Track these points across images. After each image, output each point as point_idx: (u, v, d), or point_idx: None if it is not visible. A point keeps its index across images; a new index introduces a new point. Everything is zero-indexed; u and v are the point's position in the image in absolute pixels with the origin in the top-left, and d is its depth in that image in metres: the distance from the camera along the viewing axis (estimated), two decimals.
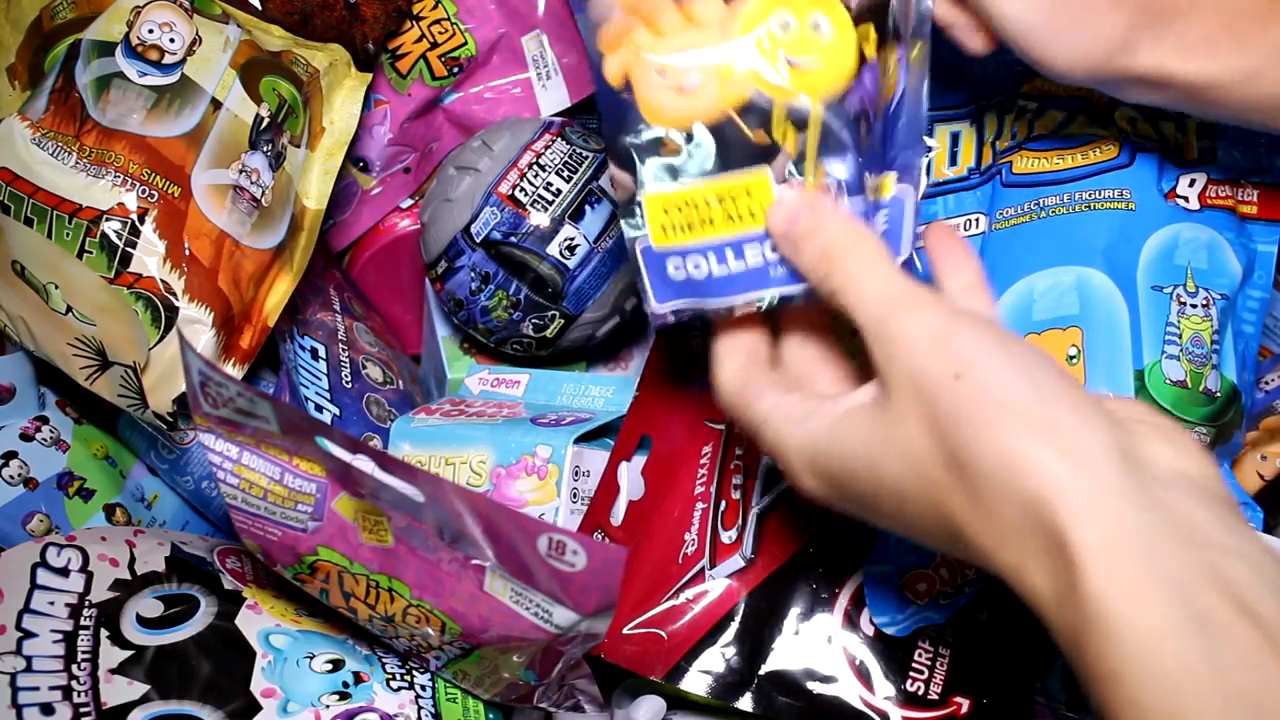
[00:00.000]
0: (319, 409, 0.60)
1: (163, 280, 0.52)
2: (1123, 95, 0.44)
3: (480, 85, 0.71)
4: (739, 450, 0.55)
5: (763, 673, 0.52)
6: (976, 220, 0.55)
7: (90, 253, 0.51)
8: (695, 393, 0.57)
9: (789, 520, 0.54)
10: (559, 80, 0.70)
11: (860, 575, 0.53)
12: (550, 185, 0.61)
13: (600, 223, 0.62)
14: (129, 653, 0.47)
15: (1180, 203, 0.52)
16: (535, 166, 0.62)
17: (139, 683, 0.46)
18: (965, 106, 0.55)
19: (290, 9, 0.61)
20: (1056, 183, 0.53)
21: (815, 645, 0.52)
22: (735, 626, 0.52)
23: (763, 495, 0.54)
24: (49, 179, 0.52)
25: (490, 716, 0.51)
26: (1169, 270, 0.51)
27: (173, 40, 0.55)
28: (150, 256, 0.52)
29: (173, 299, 0.52)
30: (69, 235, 0.51)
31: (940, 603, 0.51)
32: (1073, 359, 0.50)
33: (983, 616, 0.52)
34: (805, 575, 0.53)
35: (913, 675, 0.51)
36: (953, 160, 0.56)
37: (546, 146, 0.63)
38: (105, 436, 0.64)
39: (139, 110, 0.53)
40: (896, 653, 0.52)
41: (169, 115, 0.54)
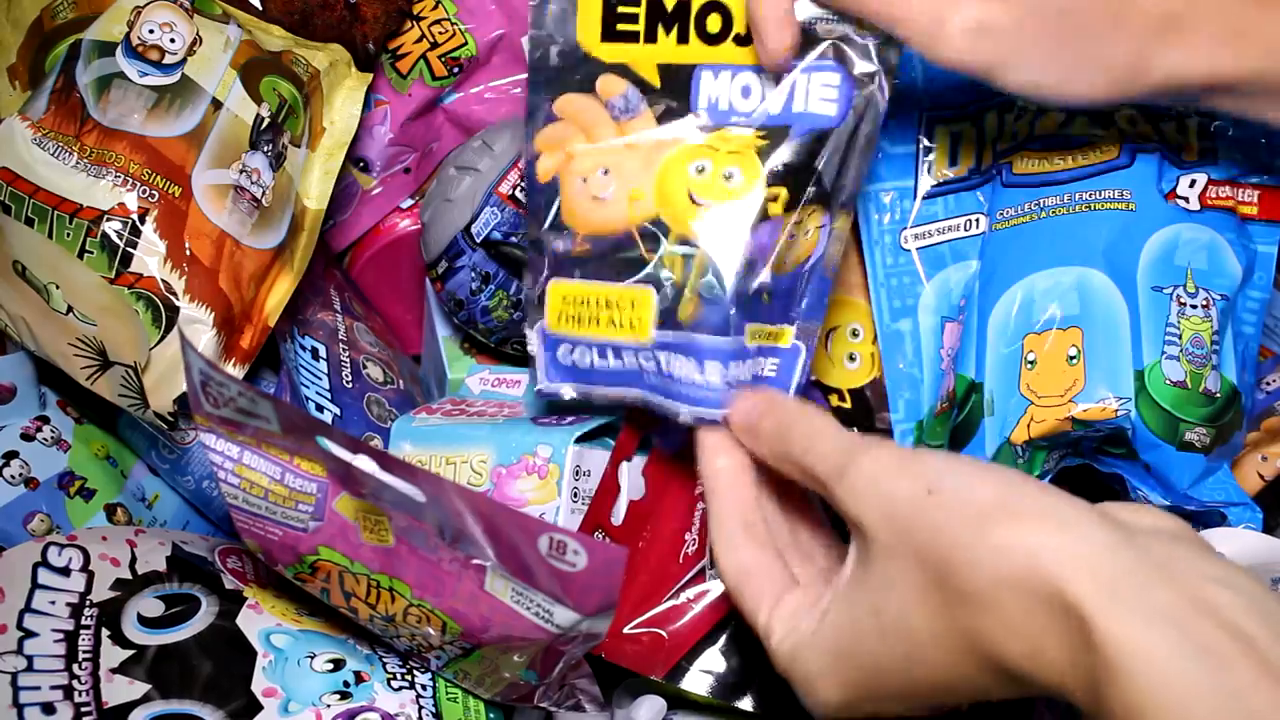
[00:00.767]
0: (320, 409, 0.60)
1: (163, 280, 0.52)
2: (1144, 102, 0.44)
3: (480, 85, 0.71)
4: None
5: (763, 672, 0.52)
6: (976, 220, 0.55)
7: (91, 253, 0.51)
8: None
9: None
10: None
11: None
12: None
13: None
14: (130, 652, 0.47)
15: (1180, 203, 0.52)
16: None
17: (140, 682, 0.46)
18: (966, 107, 0.55)
19: (290, 9, 0.61)
20: (1057, 183, 0.53)
21: None
22: (736, 626, 0.52)
23: None
24: (49, 179, 0.52)
25: (491, 716, 0.51)
26: (1169, 271, 0.51)
27: (173, 40, 0.55)
28: (151, 256, 0.52)
29: (173, 299, 0.52)
30: (69, 235, 0.51)
31: None
32: (1073, 359, 0.50)
33: None
34: None
35: None
36: (953, 160, 0.56)
37: None
38: (106, 436, 0.64)
39: (139, 110, 0.53)
40: None
41: (169, 115, 0.54)
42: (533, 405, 0.62)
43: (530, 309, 0.47)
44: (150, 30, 0.55)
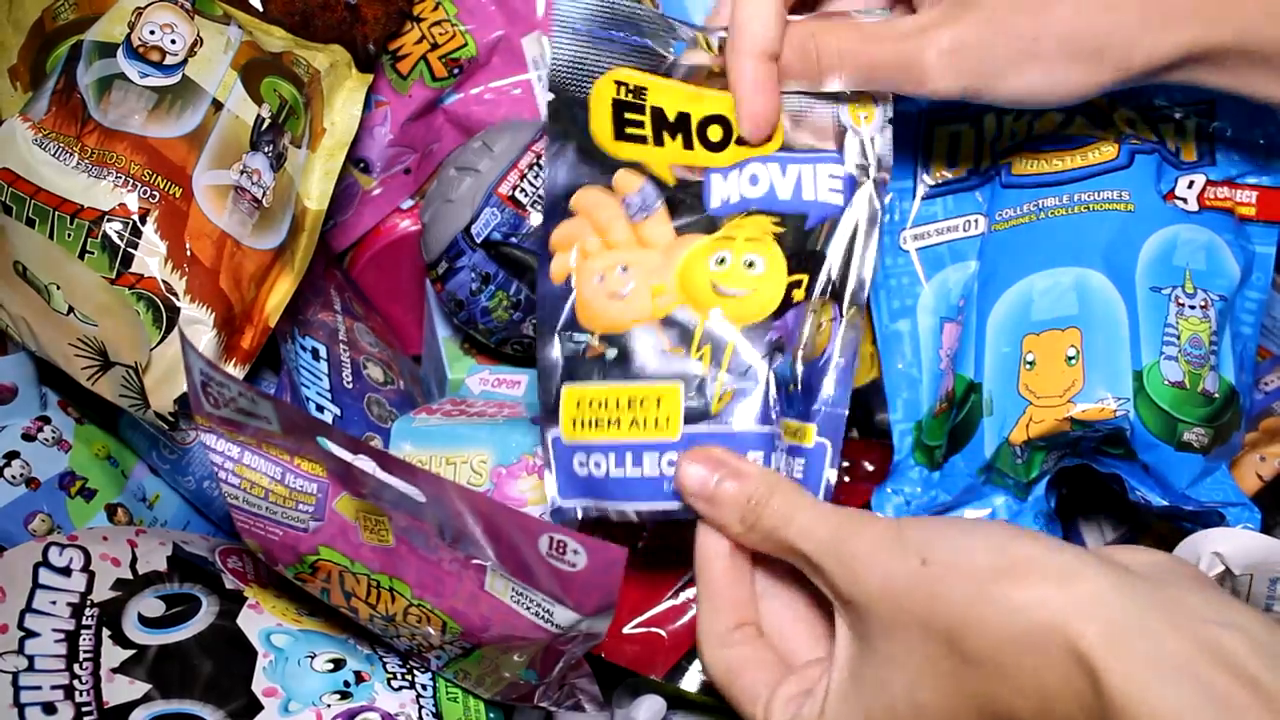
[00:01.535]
0: (320, 409, 0.60)
1: (164, 281, 0.52)
2: (1150, 83, 0.43)
3: (480, 86, 0.71)
4: None
5: None
6: (976, 221, 0.55)
7: (92, 253, 0.51)
8: None
9: None
10: None
11: None
12: None
13: None
14: (131, 652, 0.47)
15: (1179, 204, 0.52)
16: (536, 167, 0.62)
17: (140, 682, 0.46)
18: (964, 108, 0.56)
19: (291, 10, 0.61)
20: (1056, 184, 0.53)
21: None
22: None
23: None
24: (50, 180, 0.52)
25: (491, 716, 0.51)
26: (1168, 271, 0.51)
27: (174, 41, 0.55)
28: (151, 257, 0.52)
29: (174, 299, 0.52)
30: (70, 236, 0.51)
31: None
32: (1071, 360, 0.50)
33: None
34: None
35: None
36: (952, 161, 0.56)
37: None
38: (107, 437, 0.64)
39: (140, 111, 0.53)
40: None
41: (170, 116, 0.54)
42: (533, 405, 0.62)
43: (544, 417, 0.45)
44: (151, 31, 0.55)
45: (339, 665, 0.49)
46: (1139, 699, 0.29)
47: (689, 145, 0.45)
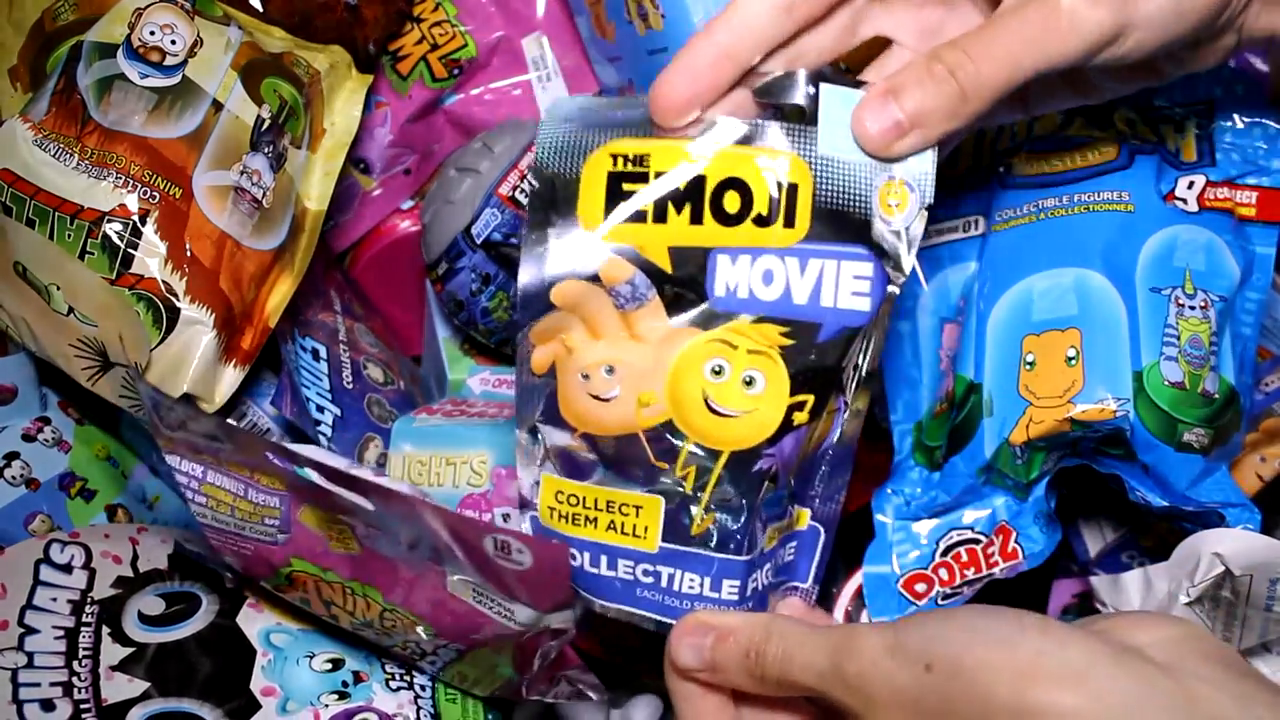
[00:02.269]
0: (320, 409, 0.61)
1: (164, 281, 0.52)
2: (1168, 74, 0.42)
3: (480, 87, 0.71)
4: None
5: None
6: (975, 222, 0.55)
7: (92, 254, 0.51)
8: None
9: None
10: (559, 82, 0.70)
11: (860, 575, 0.53)
12: None
13: None
14: (130, 650, 0.47)
15: (1179, 205, 0.52)
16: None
17: (139, 680, 0.46)
18: None
19: (291, 10, 0.61)
20: (1056, 184, 0.53)
21: None
22: None
23: None
24: (51, 180, 0.52)
25: (489, 716, 0.51)
26: (1167, 272, 0.51)
27: (174, 42, 0.55)
28: (151, 258, 0.52)
29: (174, 300, 0.52)
30: (70, 236, 0.51)
31: (939, 603, 0.51)
32: (1071, 360, 0.50)
33: None
34: None
35: None
36: (952, 162, 0.56)
37: None
38: (107, 437, 0.64)
39: (140, 112, 0.53)
40: None
41: (170, 117, 0.54)
42: None
43: (522, 502, 0.43)
44: (151, 32, 0.55)
45: (337, 665, 0.49)
46: None
47: (697, 219, 0.39)
